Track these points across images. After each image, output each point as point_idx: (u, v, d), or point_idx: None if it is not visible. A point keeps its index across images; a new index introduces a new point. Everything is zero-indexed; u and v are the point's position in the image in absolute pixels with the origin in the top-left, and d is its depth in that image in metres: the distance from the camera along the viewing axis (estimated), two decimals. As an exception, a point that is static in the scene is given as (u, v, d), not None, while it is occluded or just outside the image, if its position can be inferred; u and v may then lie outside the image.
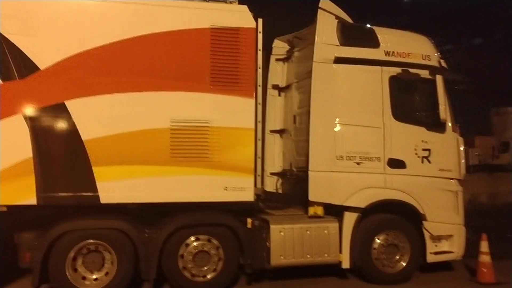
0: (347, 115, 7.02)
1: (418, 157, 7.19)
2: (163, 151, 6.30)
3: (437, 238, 7.32)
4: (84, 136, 6.08)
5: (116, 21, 6.24)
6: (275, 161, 8.48)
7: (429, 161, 7.23)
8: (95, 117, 6.13)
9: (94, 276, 6.27)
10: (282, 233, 6.72)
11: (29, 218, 6.42)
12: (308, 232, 6.80)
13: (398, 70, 7.19)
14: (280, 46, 8.58)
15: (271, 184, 8.46)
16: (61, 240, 6.11)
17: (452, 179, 7.40)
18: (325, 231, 6.86)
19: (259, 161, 6.85)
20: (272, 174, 8.43)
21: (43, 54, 6.01)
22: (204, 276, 6.54)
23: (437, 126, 7.25)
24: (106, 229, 6.27)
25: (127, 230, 6.26)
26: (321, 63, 6.98)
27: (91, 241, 6.22)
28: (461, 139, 7.49)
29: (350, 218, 6.94)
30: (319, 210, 6.99)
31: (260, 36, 6.91)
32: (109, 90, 6.18)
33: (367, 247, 7.03)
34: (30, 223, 6.32)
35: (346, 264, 6.90)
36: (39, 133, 5.99)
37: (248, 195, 6.53)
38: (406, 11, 27.33)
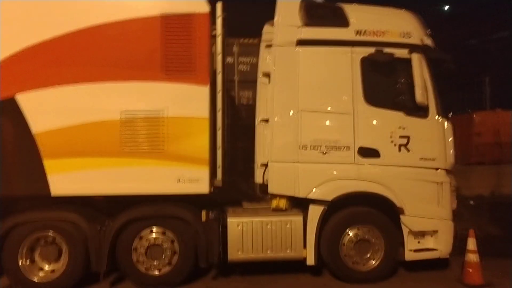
0: (312, 102, 6.52)
1: (395, 145, 6.54)
2: (113, 142, 6.20)
3: (419, 234, 6.65)
4: (34, 129, 6.13)
5: (66, 12, 6.21)
6: (265, 151, 8.10)
7: (407, 150, 6.55)
8: (45, 110, 6.15)
9: (51, 267, 6.33)
10: (239, 227, 6.42)
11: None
12: (269, 226, 6.44)
13: (371, 50, 6.55)
14: (269, 32, 8.14)
15: (261, 176, 8.11)
16: (13, 232, 6.21)
17: (437, 169, 6.67)
18: (287, 225, 6.46)
19: (219, 151, 6.59)
20: (262, 165, 8.07)
21: (-5, 49, 6.12)
22: (159, 270, 6.39)
23: (418, 110, 6.55)
24: (57, 221, 6.29)
25: (78, 221, 6.25)
26: (283, 47, 6.54)
27: (44, 233, 6.28)
28: (449, 125, 6.73)
29: (315, 212, 6.47)
30: (282, 203, 6.58)
31: (219, 21, 6.62)
32: (59, 82, 6.18)
33: (335, 242, 6.51)
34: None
35: (310, 261, 6.44)
36: (-8, 126, 6.11)
37: (202, 187, 6.28)
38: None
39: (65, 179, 6.14)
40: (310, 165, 6.47)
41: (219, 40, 6.63)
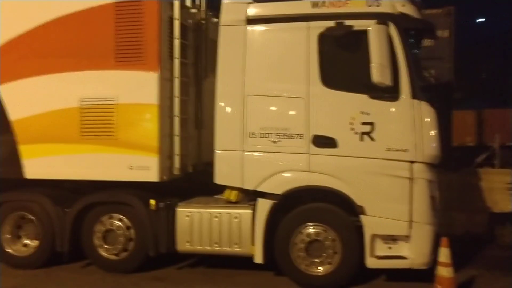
0: (261, 85, 5.91)
1: (355, 133, 5.63)
2: (74, 129, 6.48)
3: (390, 239, 5.67)
4: (12, 116, 6.69)
5: (26, 10, 6.62)
6: None
7: (371, 138, 5.60)
8: (18, 100, 6.67)
9: (34, 243, 6.86)
10: (188, 218, 6.19)
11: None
12: (216, 219, 6.09)
13: (330, 24, 5.70)
14: None
15: None
16: None
17: (412, 162, 5.57)
18: (235, 219, 6.03)
19: (177, 139, 6.43)
20: None
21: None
22: (116, 255, 6.51)
23: (386, 92, 5.53)
24: (29, 202, 6.77)
25: (44, 203, 6.66)
26: (230, 26, 6.02)
27: (22, 212, 6.83)
28: (429, 109, 5.55)
29: (263, 206, 5.89)
30: (232, 195, 6.13)
31: (177, 4, 6.42)
32: (29, 74, 6.64)
33: (285, 241, 5.86)
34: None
35: (258, 259, 5.91)
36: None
37: (152, 175, 6.24)
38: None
39: (37, 163, 6.60)
40: (258, 154, 5.93)
41: (177, 24, 6.42)
